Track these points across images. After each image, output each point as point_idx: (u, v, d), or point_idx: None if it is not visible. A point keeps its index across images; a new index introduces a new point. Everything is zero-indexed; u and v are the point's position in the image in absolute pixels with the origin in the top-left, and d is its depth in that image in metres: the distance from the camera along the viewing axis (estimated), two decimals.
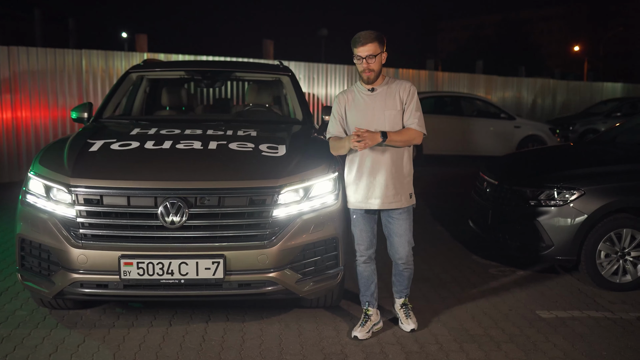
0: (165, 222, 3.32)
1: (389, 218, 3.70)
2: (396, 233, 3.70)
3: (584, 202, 4.72)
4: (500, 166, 5.80)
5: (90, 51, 10.56)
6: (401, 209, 3.66)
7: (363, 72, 3.52)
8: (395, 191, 3.60)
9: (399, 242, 3.72)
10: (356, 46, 3.48)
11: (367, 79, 3.54)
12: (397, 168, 3.60)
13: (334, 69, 14.40)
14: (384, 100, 3.57)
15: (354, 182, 3.64)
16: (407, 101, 3.59)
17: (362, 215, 3.69)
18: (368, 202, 3.61)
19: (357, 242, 3.75)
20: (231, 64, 5.95)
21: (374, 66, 3.49)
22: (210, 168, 3.56)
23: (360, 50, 3.46)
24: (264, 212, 3.44)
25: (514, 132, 12.78)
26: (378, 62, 3.50)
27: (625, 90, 23.70)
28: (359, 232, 3.73)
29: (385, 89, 3.60)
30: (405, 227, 3.70)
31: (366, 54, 3.45)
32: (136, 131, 4.19)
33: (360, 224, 3.71)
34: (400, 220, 3.68)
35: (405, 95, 3.59)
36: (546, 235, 4.79)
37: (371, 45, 3.45)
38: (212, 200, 3.39)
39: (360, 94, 3.62)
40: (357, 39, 3.48)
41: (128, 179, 3.40)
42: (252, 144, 3.92)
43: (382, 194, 3.58)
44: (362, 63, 3.48)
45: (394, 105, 3.57)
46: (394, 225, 3.69)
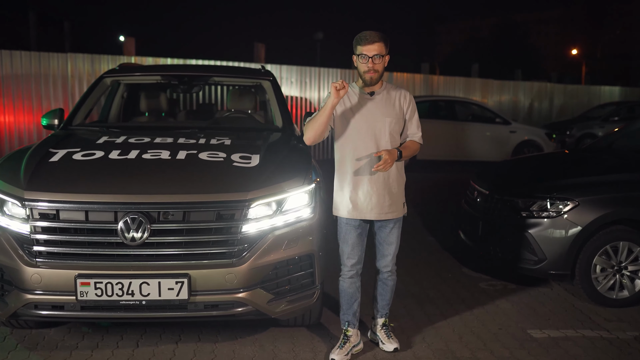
0: (126, 238, 3.08)
1: (383, 228, 3.50)
2: (387, 241, 3.53)
3: (578, 214, 4.49)
4: (492, 175, 5.57)
5: (75, 55, 10.34)
6: (395, 219, 3.48)
7: (367, 72, 3.28)
8: (392, 201, 3.41)
9: (388, 250, 3.54)
10: (362, 44, 3.25)
11: (370, 80, 3.30)
12: (394, 177, 3.42)
13: (327, 72, 14.19)
14: (384, 106, 3.38)
15: (348, 190, 3.40)
16: (409, 111, 3.44)
17: (354, 227, 3.46)
18: (364, 213, 3.40)
19: (347, 257, 3.52)
20: (209, 68, 5.72)
21: (379, 67, 3.28)
22: (176, 180, 3.32)
23: (367, 48, 3.24)
24: (233, 227, 3.20)
25: (509, 137, 12.55)
26: (382, 64, 3.30)
27: (623, 93, 23.51)
28: (349, 247, 3.49)
29: (384, 94, 3.40)
30: (397, 235, 3.54)
31: (373, 53, 3.24)
32: (103, 139, 3.95)
33: (353, 237, 3.48)
34: (393, 228, 3.51)
35: (405, 105, 3.43)
36: (538, 248, 4.55)
37: (378, 44, 3.25)
38: (177, 215, 3.15)
39: (358, 97, 3.40)
40: (363, 36, 3.26)
41: (86, 192, 3.16)
42: (223, 153, 3.69)
43: (379, 204, 3.38)
44: (368, 62, 3.25)
45: (394, 112, 3.38)
46: (385, 234, 3.51)
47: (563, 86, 21.55)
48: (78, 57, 10.31)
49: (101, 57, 10.55)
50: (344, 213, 3.45)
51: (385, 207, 3.39)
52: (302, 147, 4.20)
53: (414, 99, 3.51)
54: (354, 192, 3.38)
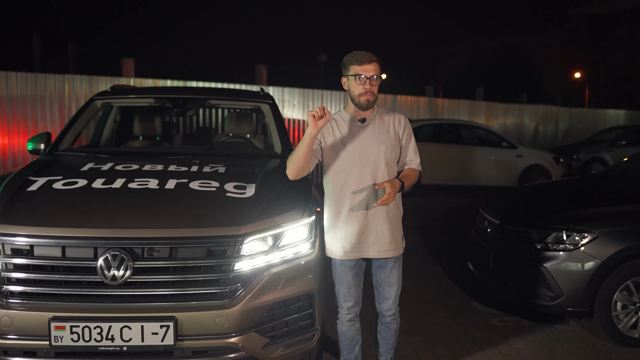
0: (106, 277, 2.79)
1: (382, 268, 3.20)
2: (387, 282, 3.21)
3: (596, 247, 4.20)
4: (502, 204, 5.28)
5: (73, 76, 10.16)
6: (395, 257, 3.18)
7: (363, 95, 2.98)
8: (392, 237, 3.11)
9: (389, 292, 3.22)
10: (358, 63, 2.97)
11: (367, 104, 3.01)
12: (392, 207, 3.12)
13: (330, 95, 14.00)
14: (377, 134, 3.08)
15: (342, 229, 3.11)
16: (405, 136, 3.15)
17: (350, 267, 3.16)
18: (361, 251, 3.11)
19: (343, 299, 3.22)
20: (205, 90, 5.47)
21: (375, 89, 3.00)
22: (163, 212, 3.04)
23: (365, 68, 2.96)
24: (224, 265, 2.91)
25: (516, 162, 12.27)
26: (378, 86, 3.03)
27: (628, 117, 23.27)
28: (346, 289, 3.19)
29: (377, 120, 3.11)
30: (398, 275, 3.23)
31: (372, 74, 2.96)
32: (88, 166, 3.69)
33: (348, 278, 3.17)
34: (394, 268, 3.20)
35: (400, 129, 3.14)
36: (554, 284, 4.25)
37: (375, 65, 2.98)
38: (163, 251, 2.87)
39: (348, 124, 3.10)
40: (359, 55, 2.98)
41: (64, 225, 2.88)
42: (216, 182, 3.41)
43: (378, 240, 3.09)
44: (365, 84, 2.96)
45: (388, 139, 3.09)
46: (385, 275, 3.20)
47: (568, 109, 21.32)
48: (75, 78, 10.13)
49: (99, 79, 10.36)
50: (338, 254, 3.15)
51: (385, 244, 3.10)
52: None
53: (409, 122, 3.22)
54: (349, 230, 3.09)
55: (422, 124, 12.70)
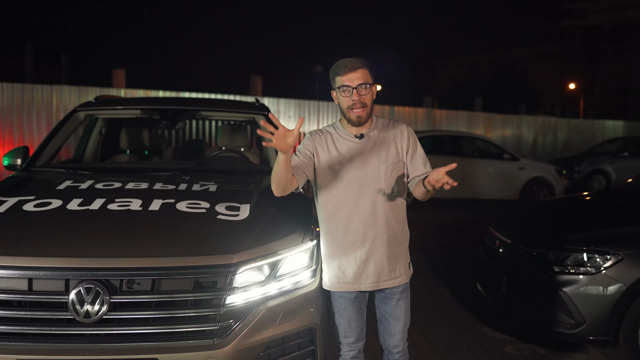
0: (78, 314, 2.43)
1: (385, 299, 2.81)
2: (393, 315, 2.81)
3: (621, 270, 3.85)
4: (514, 221, 4.94)
5: (61, 87, 9.82)
6: (401, 286, 2.79)
7: (352, 107, 2.61)
8: (393, 265, 2.73)
9: (395, 327, 2.82)
10: (342, 73, 2.59)
11: (358, 120, 2.63)
12: (395, 233, 2.73)
13: (327, 106, 13.69)
14: (377, 151, 2.69)
15: (335, 256, 2.74)
16: (410, 148, 2.74)
17: (350, 300, 2.78)
18: (358, 283, 2.72)
19: (344, 335, 2.83)
20: (196, 101, 5.14)
21: (366, 99, 2.61)
22: (145, 238, 2.69)
23: (349, 77, 2.57)
24: (215, 299, 2.56)
25: (518, 174, 11.96)
26: (370, 96, 2.63)
27: (626, 128, 23.09)
28: (346, 323, 2.81)
29: (376, 134, 2.72)
30: (405, 308, 2.83)
31: (357, 82, 2.57)
32: (65, 185, 3.34)
33: (349, 311, 2.79)
34: (400, 299, 2.80)
35: (404, 142, 2.74)
36: (575, 310, 3.90)
37: (362, 71, 2.58)
38: (144, 283, 2.51)
39: (344, 140, 2.72)
40: (342, 64, 2.60)
41: (30, 253, 2.53)
42: (207, 203, 3.07)
43: (376, 271, 2.70)
44: (352, 95, 2.58)
45: (389, 156, 2.70)
46: (391, 307, 2.80)
47: (567, 120, 21.12)
48: (64, 89, 9.78)
49: (88, 90, 10.01)
50: (334, 285, 2.78)
51: (386, 272, 2.71)
52: (299, 194, 3.58)
53: (413, 131, 2.81)
54: (344, 258, 2.71)
55: (422, 135, 12.38)
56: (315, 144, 2.72)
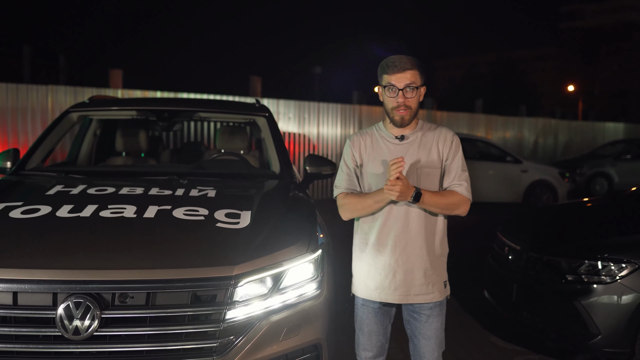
0: (67, 330, 2.26)
1: (414, 314, 2.63)
2: (423, 334, 2.63)
3: (638, 279, 3.69)
4: (523, 227, 4.78)
5: (57, 87, 9.63)
6: (432, 304, 2.61)
7: (396, 109, 2.47)
8: (426, 279, 2.55)
9: (426, 346, 2.64)
10: (390, 72, 2.44)
11: (401, 121, 2.49)
12: (429, 244, 2.56)
13: (327, 107, 13.52)
14: (417, 154, 2.54)
15: (366, 260, 2.59)
16: (450, 156, 2.57)
17: (373, 310, 2.63)
18: (383, 293, 2.56)
19: (363, 348, 2.67)
20: (194, 102, 4.96)
21: (412, 102, 2.46)
22: (139, 249, 2.52)
23: (397, 77, 2.43)
24: (214, 314, 2.39)
25: (520, 177, 11.80)
26: (417, 99, 2.48)
27: (627, 130, 22.97)
28: (366, 335, 2.65)
29: (419, 137, 2.57)
30: (437, 327, 2.64)
31: (405, 84, 2.43)
32: (56, 189, 3.16)
33: (370, 322, 2.64)
34: (430, 317, 2.61)
35: (446, 148, 2.57)
36: (590, 321, 3.74)
37: (412, 72, 2.45)
38: (138, 297, 2.34)
39: (384, 141, 2.58)
40: (391, 62, 2.45)
41: (16, 265, 2.35)
42: (205, 209, 2.90)
43: (405, 282, 2.53)
44: (398, 97, 2.44)
45: (430, 161, 2.55)
46: (421, 325, 2.62)
47: (567, 122, 20.98)
48: (59, 89, 9.60)
49: (84, 90, 9.82)
50: (360, 291, 2.63)
51: (415, 286, 2.54)
52: (303, 199, 3.42)
53: (458, 140, 2.63)
54: (374, 264, 2.56)
55: None
56: (354, 152, 2.62)
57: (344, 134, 13.80)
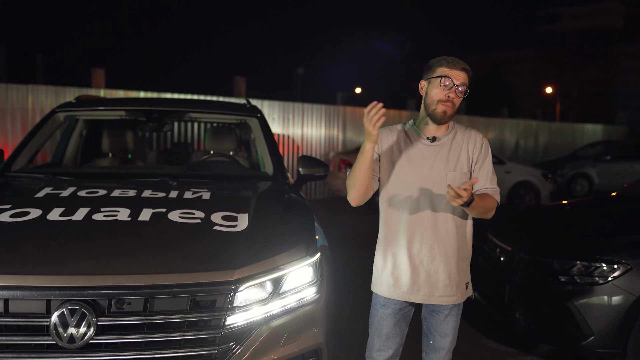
0: (61, 338, 2.19)
1: (434, 314, 2.62)
2: (440, 332, 2.64)
3: (630, 280, 3.71)
4: (515, 228, 4.78)
5: (37, 87, 9.45)
6: (453, 305, 2.59)
7: (443, 102, 2.43)
8: (450, 280, 2.52)
9: (441, 343, 2.65)
10: (449, 66, 2.44)
11: (442, 116, 2.45)
12: (455, 246, 2.53)
13: (311, 108, 13.48)
14: (447, 156, 2.51)
15: (390, 259, 2.56)
16: (480, 159, 2.54)
17: (392, 312, 2.59)
18: (408, 293, 2.53)
19: (378, 348, 2.64)
20: (184, 102, 4.88)
21: (457, 101, 2.45)
22: (135, 253, 2.45)
23: (455, 73, 2.43)
24: (214, 319, 2.33)
25: (504, 178, 11.87)
26: (460, 100, 2.48)
27: (606, 131, 23.31)
28: (383, 338, 2.62)
29: (450, 139, 2.54)
30: (454, 326, 2.65)
31: (460, 81, 2.44)
32: (45, 192, 3.08)
33: (388, 325, 2.61)
34: (448, 317, 2.61)
35: (476, 151, 2.54)
36: (583, 322, 3.75)
37: (466, 75, 2.47)
38: (135, 304, 2.27)
39: (414, 141, 2.55)
40: (451, 59, 2.47)
41: (7, 271, 2.27)
42: (201, 212, 2.83)
43: (429, 282, 2.51)
44: (450, 91, 2.42)
45: (459, 164, 2.51)
46: (439, 323, 2.63)
47: (547, 124, 21.24)
48: (40, 89, 9.42)
49: (66, 90, 9.66)
50: (382, 290, 2.59)
51: (439, 288, 2.52)
52: (299, 201, 3.37)
53: (487, 143, 2.62)
54: (398, 264, 2.54)
55: None
56: (381, 142, 2.56)
57: (329, 135, 13.78)
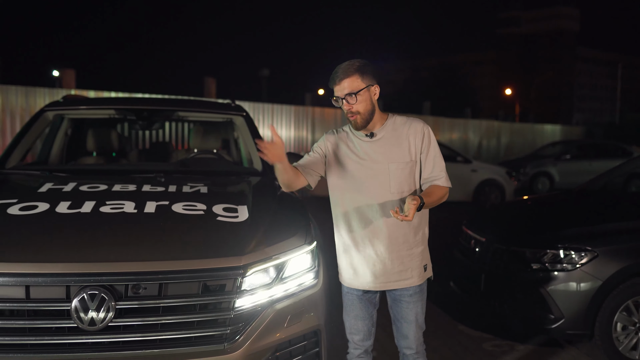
0: (82, 321, 2.31)
1: (396, 300, 2.77)
2: (405, 318, 2.77)
3: (597, 266, 4.00)
4: (489, 221, 5.05)
5: (8, 87, 9.36)
6: (412, 288, 2.75)
7: (347, 115, 2.63)
8: (403, 266, 2.68)
9: (407, 329, 2.79)
10: (332, 85, 2.61)
11: (355, 125, 2.63)
12: (405, 233, 2.68)
13: (280, 109, 13.64)
14: (389, 149, 2.66)
15: (344, 251, 2.72)
16: (424, 148, 2.69)
17: (357, 297, 2.76)
18: (366, 282, 2.69)
19: (350, 332, 2.81)
20: (173, 102, 5.00)
21: (358, 107, 2.58)
22: (148, 241, 2.59)
23: (338, 88, 2.58)
24: (224, 302, 2.49)
25: (470, 176, 12.26)
26: (364, 101, 2.59)
27: (564, 131, 24.12)
28: (353, 320, 2.79)
29: (389, 133, 2.69)
30: (417, 311, 2.78)
31: (345, 93, 2.57)
32: (47, 187, 3.17)
33: (355, 308, 2.77)
34: (410, 302, 2.75)
35: (418, 141, 2.68)
36: (555, 306, 4.02)
37: (350, 80, 2.57)
38: (150, 288, 2.41)
39: (356, 139, 2.71)
40: (333, 75, 2.60)
41: (28, 259, 2.38)
42: (203, 204, 2.98)
43: (385, 271, 2.66)
44: (343, 105, 2.59)
45: (401, 155, 2.66)
46: (402, 309, 2.76)
47: (509, 124, 21.88)
48: (10, 89, 9.33)
49: (36, 90, 9.58)
50: (344, 280, 2.77)
51: (394, 274, 2.67)
52: (291, 195, 3.54)
53: (431, 131, 2.76)
54: (354, 256, 2.70)
55: None
56: (327, 143, 2.73)
57: (298, 136, 13.95)
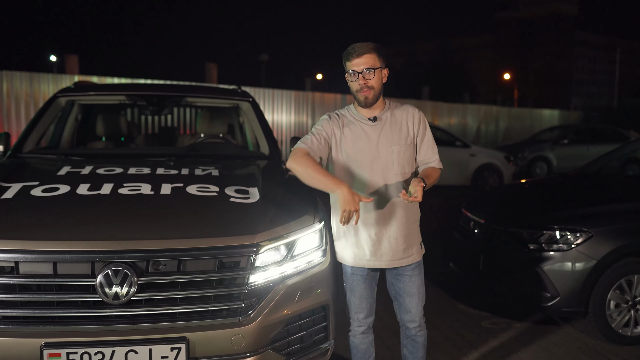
0: (107, 296, 2.46)
1: (398, 276, 2.94)
2: (407, 292, 2.94)
3: (591, 246, 4.16)
4: (487, 203, 5.20)
5: (12, 73, 9.45)
6: (413, 264, 2.93)
7: (359, 91, 2.75)
8: (407, 244, 2.86)
9: (410, 303, 2.96)
10: (350, 59, 2.73)
11: (365, 101, 2.76)
12: (407, 213, 2.86)
13: (281, 94, 13.73)
14: (390, 132, 2.82)
15: (352, 235, 2.87)
16: (420, 132, 2.87)
17: (362, 277, 2.92)
18: (372, 260, 2.85)
19: (355, 310, 2.98)
20: (182, 87, 5.11)
21: (373, 82, 2.73)
22: (167, 221, 2.73)
23: (355, 63, 2.72)
24: (239, 278, 2.64)
25: (469, 161, 12.42)
26: (378, 79, 2.75)
27: (562, 116, 24.23)
28: (357, 299, 2.96)
29: (389, 117, 2.85)
30: (419, 284, 2.96)
31: (363, 67, 2.71)
32: (65, 170, 3.31)
33: (360, 287, 2.94)
34: (413, 276, 2.93)
35: (415, 125, 2.87)
36: (551, 285, 4.19)
37: (369, 56, 2.72)
38: (170, 264, 2.56)
39: (358, 123, 2.85)
40: (351, 50, 2.74)
41: (54, 238, 2.53)
42: (215, 186, 3.12)
43: (391, 249, 2.83)
44: (358, 79, 2.72)
45: (401, 138, 2.83)
46: (405, 284, 2.93)
47: (507, 109, 21.98)
48: (15, 75, 9.42)
49: (40, 76, 9.68)
50: (348, 260, 2.92)
51: (399, 252, 2.85)
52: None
53: (423, 115, 2.94)
54: (359, 236, 2.85)
55: None
56: (332, 126, 2.84)
57: (298, 120, 14.06)
